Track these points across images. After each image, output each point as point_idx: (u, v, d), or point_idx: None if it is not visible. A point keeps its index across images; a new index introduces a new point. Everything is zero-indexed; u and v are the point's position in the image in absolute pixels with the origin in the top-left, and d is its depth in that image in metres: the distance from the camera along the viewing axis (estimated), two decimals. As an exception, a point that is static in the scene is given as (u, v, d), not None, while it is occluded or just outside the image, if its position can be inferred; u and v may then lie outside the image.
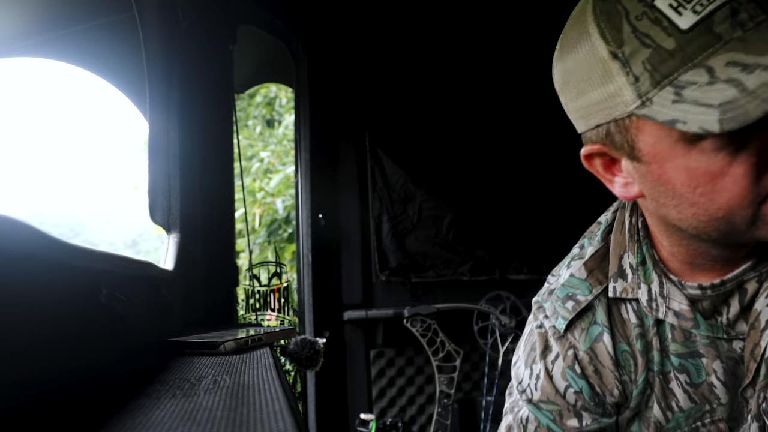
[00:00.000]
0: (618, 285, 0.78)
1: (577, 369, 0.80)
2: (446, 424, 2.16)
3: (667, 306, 0.74)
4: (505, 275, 2.50)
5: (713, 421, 0.76)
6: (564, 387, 0.80)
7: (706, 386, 0.75)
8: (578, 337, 0.80)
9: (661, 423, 0.78)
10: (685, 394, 0.76)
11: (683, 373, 0.76)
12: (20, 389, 0.52)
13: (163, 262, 1.31)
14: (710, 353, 0.74)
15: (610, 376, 0.79)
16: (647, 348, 0.77)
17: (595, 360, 0.79)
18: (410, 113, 2.44)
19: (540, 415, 0.82)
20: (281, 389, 0.68)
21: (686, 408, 0.76)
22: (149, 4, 1.32)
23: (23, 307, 0.54)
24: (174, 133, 1.38)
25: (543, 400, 0.82)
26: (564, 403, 0.81)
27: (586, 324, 0.80)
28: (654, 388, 0.78)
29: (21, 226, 0.52)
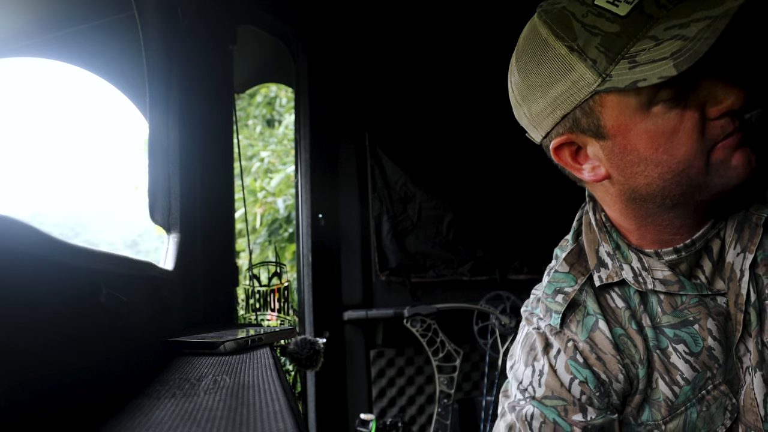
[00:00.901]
0: (602, 274, 0.83)
1: (579, 359, 0.82)
2: (446, 424, 2.16)
3: (652, 277, 0.79)
4: (505, 275, 2.50)
5: (715, 386, 0.79)
6: (569, 380, 0.82)
7: (706, 352, 0.78)
8: (575, 330, 0.83)
9: (671, 400, 0.80)
10: (687, 364, 0.79)
11: (680, 343, 0.79)
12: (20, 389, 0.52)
13: (163, 262, 1.31)
14: (702, 313, 0.78)
15: (612, 361, 0.82)
16: (640, 327, 0.82)
17: (596, 348, 0.82)
18: (410, 113, 2.44)
19: (546, 410, 0.82)
20: (281, 389, 0.68)
21: (691, 379, 0.79)
22: (149, 4, 1.32)
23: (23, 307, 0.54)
24: (174, 133, 1.38)
25: (548, 396, 0.83)
26: (570, 396, 0.82)
27: (580, 316, 0.84)
28: (655, 366, 0.81)
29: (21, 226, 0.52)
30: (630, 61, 0.65)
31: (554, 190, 2.65)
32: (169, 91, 1.37)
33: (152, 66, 1.32)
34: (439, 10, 2.44)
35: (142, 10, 1.31)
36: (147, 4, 1.31)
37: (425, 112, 2.45)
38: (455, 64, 2.49)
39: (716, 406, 0.79)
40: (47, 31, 1.67)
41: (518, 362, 0.88)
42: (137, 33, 1.31)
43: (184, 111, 1.41)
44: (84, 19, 1.68)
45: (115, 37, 1.69)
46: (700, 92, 0.67)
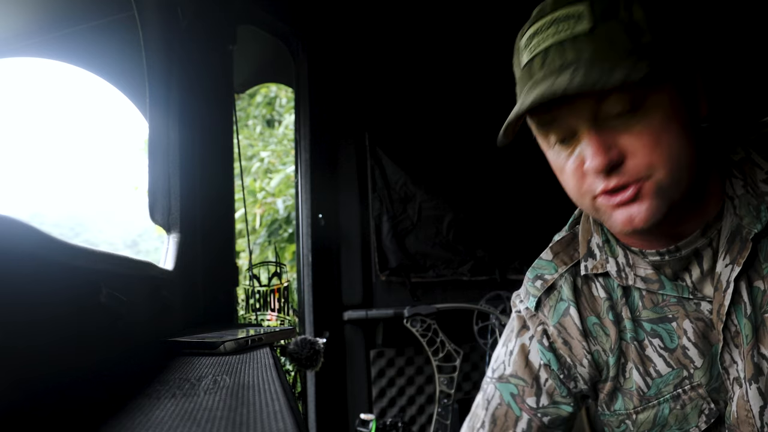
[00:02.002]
0: (589, 263, 0.87)
1: (545, 342, 0.88)
2: (446, 424, 2.16)
3: (634, 273, 0.83)
4: (505, 275, 2.50)
5: (693, 387, 0.81)
6: (535, 362, 0.88)
7: (680, 350, 0.81)
8: (547, 314, 0.89)
9: (643, 390, 0.83)
10: (661, 358, 0.82)
11: (656, 337, 0.82)
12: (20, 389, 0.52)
13: (163, 262, 1.31)
14: (679, 313, 0.81)
15: (578, 346, 0.87)
16: (618, 318, 0.85)
17: (564, 332, 0.87)
18: (410, 113, 2.44)
19: (505, 391, 0.89)
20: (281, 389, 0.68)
21: (664, 373, 0.82)
22: (149, 4, 1.32)
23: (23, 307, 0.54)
24: (174, 133, 1.38)
25: (512, 374, 0.89)
26: (530, 379, 0.88)
27: (554, 301, 0.89)
28: (630, 356, 0.84)
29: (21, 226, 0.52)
30: (519, 101, 0.74)
31: (554, 190, 2.66)
32: (169, 91, 1.37)
33: (152, 66, 1.32)
34: (439, 10, 2.44)
35: (142, 10, 1.31)
36: (147, 4, 1.31)
37: (425, 112, 2.45)
38: (455, 64, 2.49)
39: (692, 406, 0.81)
40: (47, 31, 1.67)
41: (499, 342, 0.95)
42: (137, 33, 1.31)
43: (184, 111, 1.41)
44: (84, 19, 1.68)
45: (115, 37, 1.69)
46: (581, 145, 0.72)
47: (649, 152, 0.69)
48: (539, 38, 0.72)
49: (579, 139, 0.72)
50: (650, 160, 0.69)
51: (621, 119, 0.69)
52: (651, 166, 0.69)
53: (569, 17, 0.69)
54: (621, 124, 0.69)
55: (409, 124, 2.44)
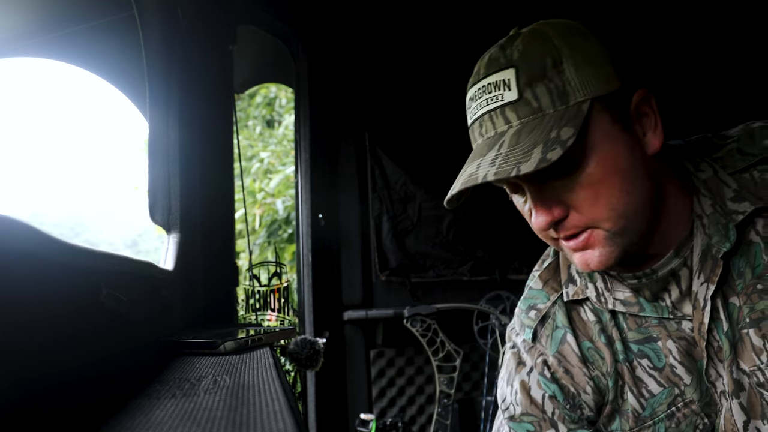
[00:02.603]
0: (570, 289, 0.88)
1: (547, 374, 0.87)
2: (446, 424, 2.16)
3: (613, 297, 0.84)
4: (505, 275, 2.50)
5: (686, 404, 0.81)
6: (540, 396, 0.87)
7: (668, 368, 0.82)
8: (545, 344, 0.88)
9: (638, 411, 0.84)
10: (652, 378, 0.83)
11: (644, 358, 0.83)
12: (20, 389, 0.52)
13: (163, 262, 1.30)
14: (662, 333, 0.82)
15: (579, 373, 0.86)
16: (610, 341, 0.85)
17: (564, 361, 0.87)
18: (410, 113, 2.44)
19: (521, 430, 0.88)
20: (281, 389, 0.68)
21: (656, 393, 0.82)
22: (149, 4, 1.32)
23: (23, 306, 0.54)
24: (174, 133, 1.38)
25: (523, 413, 0.88)
26: (540, 413, 0.87)
27: (550, 330, 0.88)
28: (624, 378, 0.85)
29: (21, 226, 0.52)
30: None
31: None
32: (169, 91, 1.37)
33: (152, 66, 1.32)
34: (439, 9, 2.44)
35: (142, 10, 1.31)
36: (147, 4, 1.31)
37: (425, 112, 2.45)
38: (455, 64, 2.49)
39: (686, 423, 0.82)
40: (47, 31, 1.67)
41: (502, 380, 0.94)
42: (137, 33, 1.31)
43: (184, 111, 1.41)
44: (84, 19, 1.68)
45: (115, 37, 1.68)
46: (529, 201, 0.75)
47: (590, 206, 0.71)
48: (476, 104, 0.75)
49: (527, 195, 0.75)
50: (592, 214, 0.72)
51: (559, 179, 0.71)
52: (594, 219, 0.72)
53: (497, 85, 0.72)
54: (559, 181, 0.72)
55: (409, 124, 2.44)
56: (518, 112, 0.70)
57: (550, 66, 0.70)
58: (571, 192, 0.71)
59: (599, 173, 0.70)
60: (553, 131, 0.67)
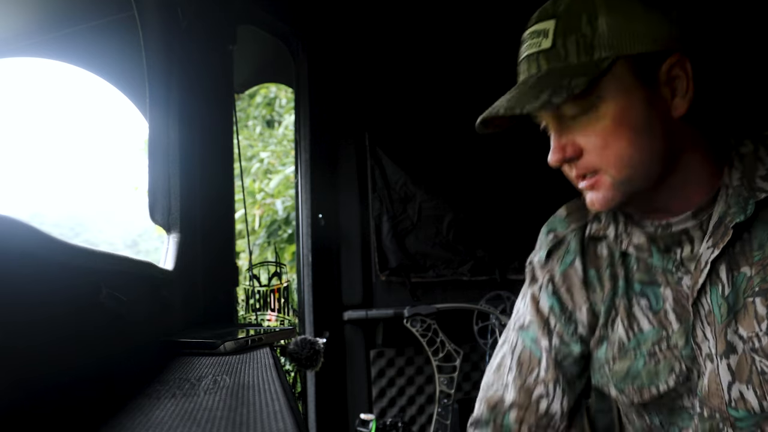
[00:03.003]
0: (594, 226, 0.97)
1: (550, 289, 1.00)
2: (446, 424, 2.16)
3: (629, 240, 0.91)
4: (505, 275, 2.49)
5: (669, 347, 0.88)
6: (546, 308, 0.99)
7: (663, 312, 0.89)
8: (555, 264, 1.00)
9: (624, 342, 0.93)
10: (645, 317, 0.90)
11: (644, 297, 0.91)
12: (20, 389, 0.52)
13: (163, 262, 1.30)
14: (664, 281, 0.88)
15: (579, 294, 0.97)
16: (614, 277, 0.94)
17: (568, 281, 0.98)
18: (410, 113, 2.44)
19: (526, 337, 1.00)
20: (281, 389, 0.68)
21: (646, 330, 0.90)
22: (149, 4, 1.32)
23: (23, 306, 0.54)
24: (174, 133, 1.38)
25: (530, 322, 1.00)
26: (542, 323, 0.99)
27: (562, 253, 1.00)
28: (619, 312, 0.93)
29: (21, 226, 0.52)
30: None
31: (554, 190, 2.65)
32: (169, 91, 1.37)
33: (152, 66, 1.32)
34: (439, 9, 2.44)
35: (142, 10, 1.31)
36: (147, 4, 1.31)
37: (425, 112, 2.45)
38: (455, 64, 2.49)
39: (664, 364, 0.88)
40: (47, 31, 1.67)
41: (519, 296, 1.07)
42: (137, 33, 1.31)
43: (184, 111, 1.41)
44: (84, 19, 1.68)
45: (115, 37, 1.68)
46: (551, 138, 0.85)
47: (599, 153, 0.81)
48: (523, 47, 0.85)
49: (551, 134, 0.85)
50: (601, 160, 0.81)
51: (577, 121, 0.81)
52: (602, 165, 0.81)
53: (539, 33, 0.81)
54: (577, 125, 0.81)
55: (409, 124, 2.44)
56: (549, 59, 0.80)
57: (585, 21, 0.77)
58: (585, 137, 0.81)
59: (611, 125, 0.79)
60: (566, 79, 0.76)
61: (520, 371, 0.98)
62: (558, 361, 0.97)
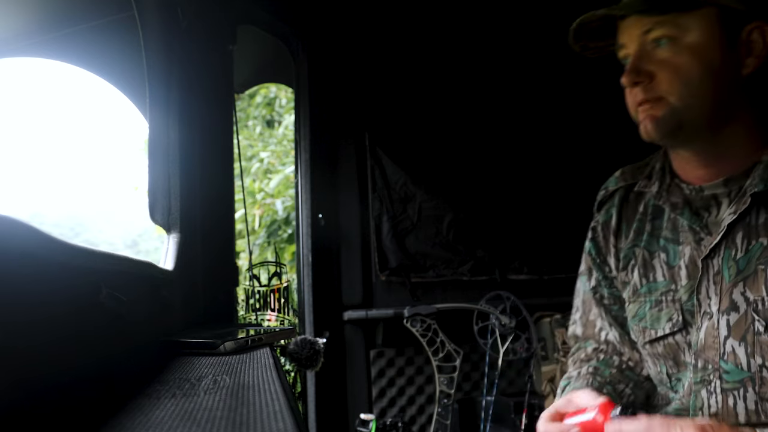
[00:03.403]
0: (642, 182, 1.07)
1: (590, 235, 1.17)
2: (446, 424, 2.16)
3: (667, 197, 1.01)
4: (505, 275, 2.49)
5: (673, 300, 0.99)
6: (588, 253, 1.17)
7: (677, 268, 0.99)
8: (600, 215, 1.16)
9: (637, 287, 1.06)
10: (661, 270, 1.02)
11: (664, 252, 1.02)
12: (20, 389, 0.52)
13: (163, 262, 1.30)
14: (686, 240, 0.98)
15: (610, 241, 1.12)
16: (640, 230, 1.07)
17: (605, 230, 1.14)
18: (410, 113, 2.44)
19: (583, 281, 1.20)
20: (281, 389, 0.68)
21: (658, 281, 1.02)
22: (149, 4, 1.32)
23: (23, 306, 0.54)
24: (174, 133, 1.38)
25: (583, 268, 1.20)
26: (587, 267, 1.18)
27: (607, 207, 1.15)
28: (637, 261, 1.06)
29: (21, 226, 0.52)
30: None
31: (554, 190, 2.65)
32: (169, 91, 1.37)
33: (152, 66, 1.32)
34: (439, 9, 2.44)
35: (142, 10, 1.31)
36: (147, 4, 1.31)
37: (425, 112, 2.45)
38: (456, 64, 2.49)
39: (665, 312, 1.00)
40: (47, 31, 1.67)
41: None
42: (137, 33, 1.31)
43: (184, 111, 1.41)
44: (84, 19, 1.68)
45: (115, 37, 1.68)
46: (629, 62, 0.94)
47: (669, 79, 0.90)
48: None
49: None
50: (667, 85, 0.90)
51: (657, 47, 0.90)
52: (667, 90, 0.90)
53: None
54: (656, 53, 0.91)
55: (409, 124, 2.44)
56: None
57: None
58: (660, 64, 0.90)
59: (687, 58, 0.89)
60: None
61: (583, 310, 1.20)
62: (598, 299, 1.16)
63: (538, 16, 2.43)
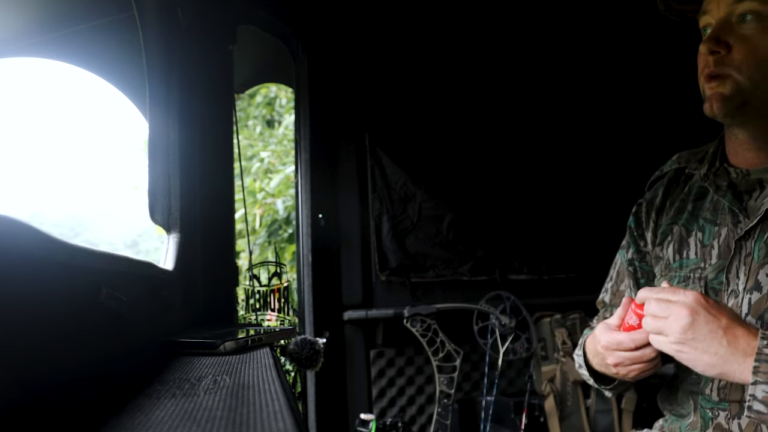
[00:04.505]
0: (692, 166, 1.11)
1: (634, 209, 1.21)
2: (446, 424, 2.16)
3: (714, 181, 1.04)
4: (505, 275, 2.49)
5: (701, 277, 1.02)
6: (630, 226, 1.21)
7: (709, 248, 1.02)
8: (649, 193, 1.19)
9: (670, 262, 1.09)
10: (695, 248, 1.05)
11: (701, 232, 1.04)
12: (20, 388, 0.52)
13: (163, 262, 1.30)
14: (724, 221, 1.01)
15: (651, 216, 1.16)
16: (681, 209, 1.10)
17: (648, 206, 1.17)
18: (410, 113, 2.44)
19: (621, 253, 1.24)
20: (281, 389, 0.68)
21: (691, 258, 1.05)
22: (149, 4, 1.32)
23: (23, 306, 0.54)
24: (174, 133, 1.38)
25: (624, 241, 1.23)
26: (626, 240, 1.22)
27: (657, 186, 1.18)
28: (673, 236, 1.10)
29: (21, 226, 0.52)
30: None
31: (554, 190, 2.66)
32: (169, 91, 1.37)
33: (152, 66, 1.32)
34: (439, 9, 2.44)
35: (142, 10, 1.31)
36: (147, 4, 1.31)
37: (425, 112, 2.45)
38: (455, 64, 2.49)
39: (691, 287, 1.02)
40: (47, 31, 1.67)
41: None
42: (137, 33, 1.31)
43: (184, 111, 1.41)
44: (84, 19, 1.68)
45: (115, 37, 1.68)
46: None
47: (745, 56, 0.91)
48: None
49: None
50: (740, 61, 0.91)
51: (743, 23, 0.91)
52: (738, 66, 0.91)
53: None
54: (740, 26, 0.92)
55: (409, 124, 2.44)
56: None
57: None
58: (740, 41, 0.91)
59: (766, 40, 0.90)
60: None
61: (616, 280, 1.25)
62: (632, 272, 1.20)
63: (538, 18, 2.43)
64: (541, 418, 2.32)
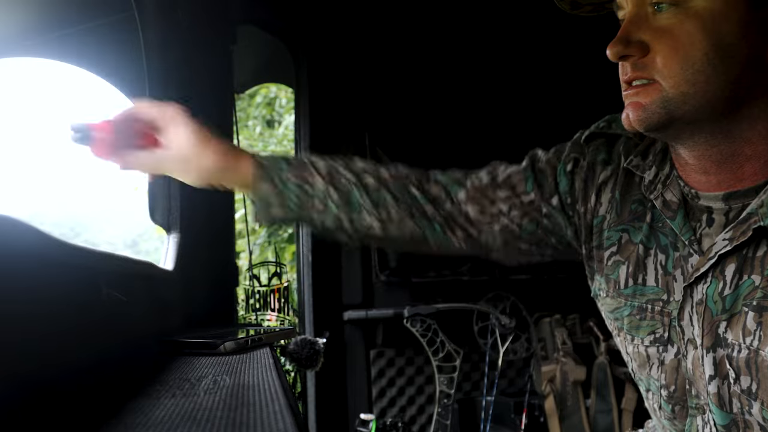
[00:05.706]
0: (636, 160, 0.84)
1: (569, 167, 0.90)
2: (446, 424, 2.16)
3: (662, 192, 0.80)
4: (505, 275, 2.49)
5: (661, 311, 0.80)
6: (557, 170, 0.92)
7: (672, 277, 0.79)
8: (590, 150, 0.89)
9: (620, 286, 0.85)
10: (654, 273, 0.81)
11: (664, 254, 0.80)
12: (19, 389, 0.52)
13: (163, 262, 1.30)
14: (684, 247, 0.79)
15: (591, 197, 0.88)
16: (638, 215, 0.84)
17: (589, 173, 0.89)
18: (411, 113, 2.44)
19: (527, 170, 0.98)
20: (281, 389, 0.68)
21: (648, 285, 0.82)
22: (149, 4, 1.32)
23: (23, 306, 0.54)
24: (174, 133, 1.38)
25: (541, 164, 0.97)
26: (531, 177, 0.95)
27: (602, 147, 0.88)
28: (627, 254, 0.84)
29: (21, 226, 0.52)
30: None
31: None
32: (169, 92, 1.37)
33: (152, 66, 1.32)
34: (439, 9, 2.44)
35: (142, 10, 1.31)
36: (147, 4, 1.31)
37: (425, 113, 2.45)
38: (455, 64, 2.49)
39: (647, 323, 0.82)
40: (47, 31, 1.67)
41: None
42: (137, 33, 1.31)
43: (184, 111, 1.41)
44: (84, 19, 1.68)
45: (115, 37, 1.68)
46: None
47: (666, 56, 0.70)
48: None
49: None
50: (663, 64, 0.70)
51: (659, 14, 0.70)
52: (661, 70, 0.70)
53: None
54: (656, 20, 0.71)
55: (409, 124, 2.44)
56: None
57: None
58: (658, 36, 0.70)
59: (693, 30, 0.68)
60: None
61: (506, 180, 1.03)
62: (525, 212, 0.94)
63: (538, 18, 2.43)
64: (541, 418, 2.32)
